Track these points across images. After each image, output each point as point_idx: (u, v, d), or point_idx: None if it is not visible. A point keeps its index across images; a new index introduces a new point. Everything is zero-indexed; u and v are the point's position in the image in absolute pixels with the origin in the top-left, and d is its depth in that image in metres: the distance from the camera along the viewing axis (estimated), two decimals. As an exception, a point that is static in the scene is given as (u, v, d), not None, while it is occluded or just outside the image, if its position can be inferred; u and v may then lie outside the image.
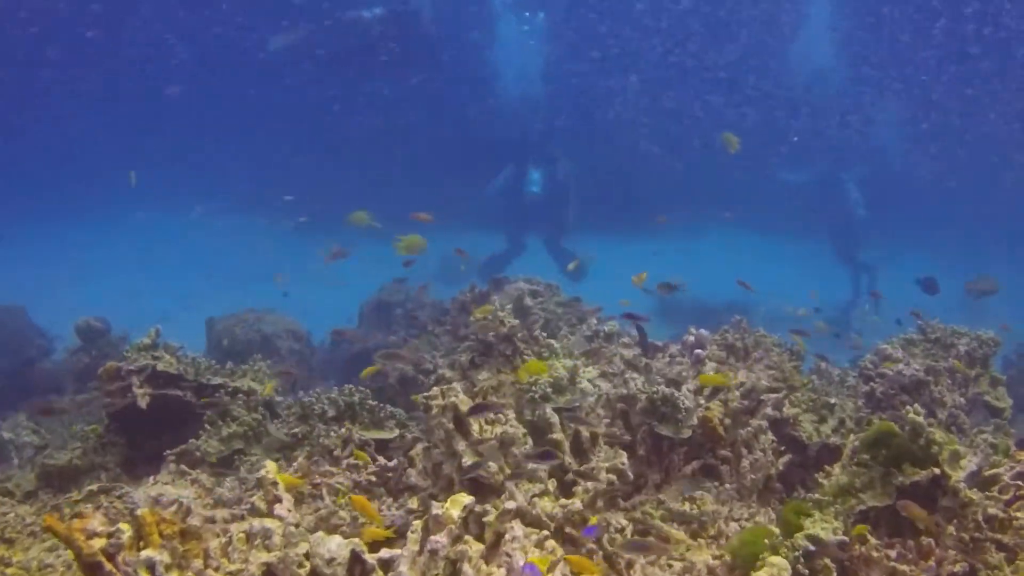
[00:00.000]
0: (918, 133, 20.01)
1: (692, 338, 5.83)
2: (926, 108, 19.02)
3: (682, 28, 16.60)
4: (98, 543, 2.86)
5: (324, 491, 5.27)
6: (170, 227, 24.53)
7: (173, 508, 5.01)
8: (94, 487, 5.63)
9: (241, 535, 2.90)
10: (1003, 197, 22.92)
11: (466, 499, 3.01)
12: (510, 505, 3.09)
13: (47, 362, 11.69)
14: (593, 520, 3.67)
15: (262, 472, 3.35)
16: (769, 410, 5.00)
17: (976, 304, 13.76)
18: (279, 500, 3.26)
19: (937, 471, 4.00)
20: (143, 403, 6.07)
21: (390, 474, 5.48)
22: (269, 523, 2.90)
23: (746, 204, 21.99)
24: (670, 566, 4.25)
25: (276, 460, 5.80)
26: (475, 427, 4.15)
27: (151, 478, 5.80)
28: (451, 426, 4.14)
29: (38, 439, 7.35)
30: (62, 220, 24.85)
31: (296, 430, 5.74)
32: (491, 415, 4.15)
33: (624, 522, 4.34)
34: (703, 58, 17.60)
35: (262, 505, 3.54)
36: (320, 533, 2.86)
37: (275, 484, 3.36)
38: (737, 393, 4.94)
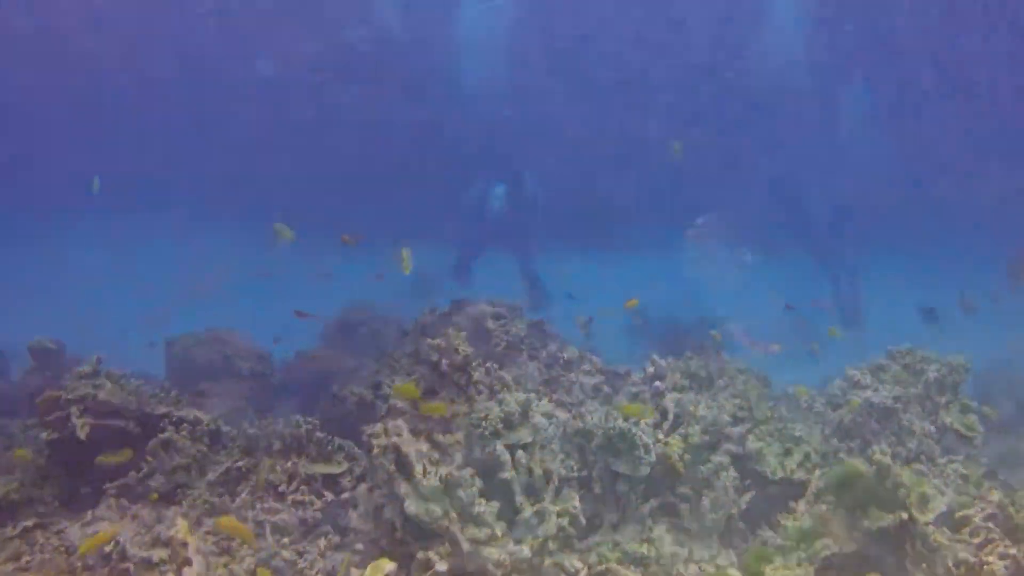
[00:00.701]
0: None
1: (652, 368, 5.62)
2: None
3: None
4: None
5: (267, 530, 5.03)
6: (135, 240, 24.15)
7: (109, 547, 4.78)
8: (30, 523, 5.38)
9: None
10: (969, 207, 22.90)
11: (388, 566, 2.79)
12: (441, 568, 2.85)
13: (3, 382, 11.37)
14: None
15: (171, 531, 3.10)
16: (731, 446, 4.80)
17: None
18: (188, 563, 3.02)
19: (905, 515, 3.80)
20: (82, 434, 5.80)
21: (339, 510, 5.26)
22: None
23: (715, 217, 21.78)
24: (625, 614, 4.03)
25: (220, 495, 5.55)
26: (418, 468, 3.91)
27: (89, 513, 5.54)
28: (392, 468, 3.90)
29: (-16, 467, 7.06)
30: (23, 233, 24.41)
31: (240, 463, 5.48)
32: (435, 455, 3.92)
33: (579, 565, 4.13)
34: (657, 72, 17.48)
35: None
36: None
37: (184, 545, 3.11)
38: (698, 428, 4.73)
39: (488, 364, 4.91)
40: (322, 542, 4.82)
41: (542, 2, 15.88)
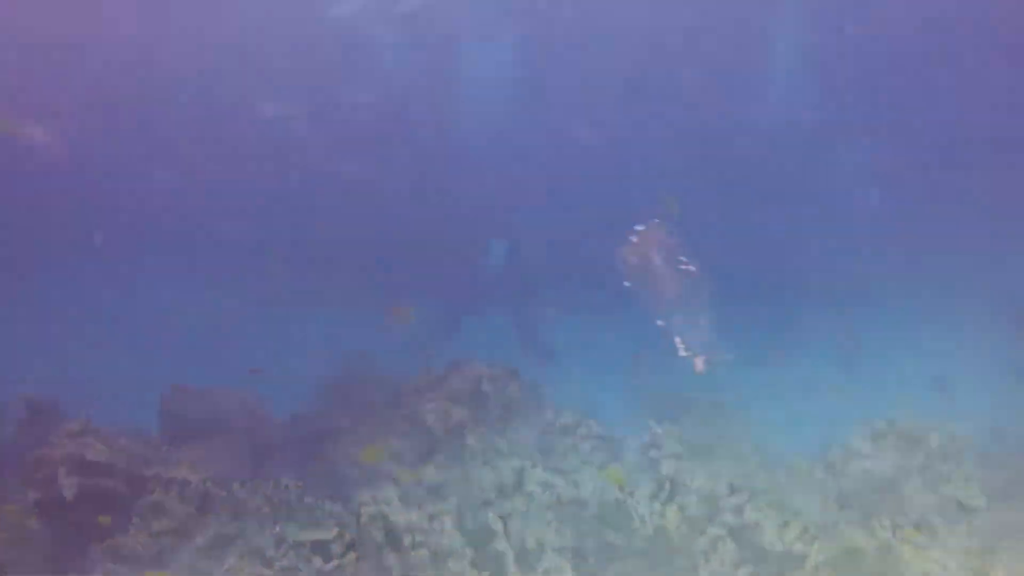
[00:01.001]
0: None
1: (649, 435, 5.54)
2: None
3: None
4: None
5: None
6: (135, 289, 24.16)
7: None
8: (10, 584, 5.28)
9: None
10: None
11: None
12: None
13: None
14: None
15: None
16: (729, 517, 4.70)
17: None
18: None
19: (906, 594, 3.70)
20: (69, 494, 5.71)
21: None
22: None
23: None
24: None
25: (208, 558, 5.43)
26: (408, 538, 3.83)
27: (74, 576, 5.44)
28: (381, 538, 3.81)
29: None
30: (27, 282, 24.44)
31: (228, 529, 5.37)
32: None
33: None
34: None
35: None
36: None
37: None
38: (694, 498, 4.64)
39: (482, 429, 4.84)
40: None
41: (537, 68, 16.06)
